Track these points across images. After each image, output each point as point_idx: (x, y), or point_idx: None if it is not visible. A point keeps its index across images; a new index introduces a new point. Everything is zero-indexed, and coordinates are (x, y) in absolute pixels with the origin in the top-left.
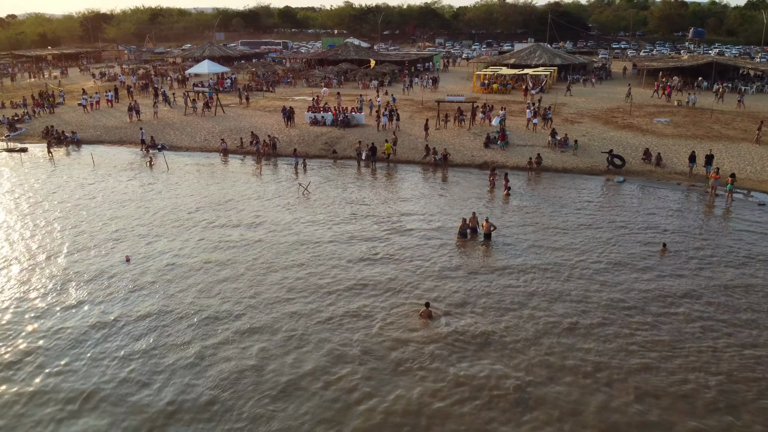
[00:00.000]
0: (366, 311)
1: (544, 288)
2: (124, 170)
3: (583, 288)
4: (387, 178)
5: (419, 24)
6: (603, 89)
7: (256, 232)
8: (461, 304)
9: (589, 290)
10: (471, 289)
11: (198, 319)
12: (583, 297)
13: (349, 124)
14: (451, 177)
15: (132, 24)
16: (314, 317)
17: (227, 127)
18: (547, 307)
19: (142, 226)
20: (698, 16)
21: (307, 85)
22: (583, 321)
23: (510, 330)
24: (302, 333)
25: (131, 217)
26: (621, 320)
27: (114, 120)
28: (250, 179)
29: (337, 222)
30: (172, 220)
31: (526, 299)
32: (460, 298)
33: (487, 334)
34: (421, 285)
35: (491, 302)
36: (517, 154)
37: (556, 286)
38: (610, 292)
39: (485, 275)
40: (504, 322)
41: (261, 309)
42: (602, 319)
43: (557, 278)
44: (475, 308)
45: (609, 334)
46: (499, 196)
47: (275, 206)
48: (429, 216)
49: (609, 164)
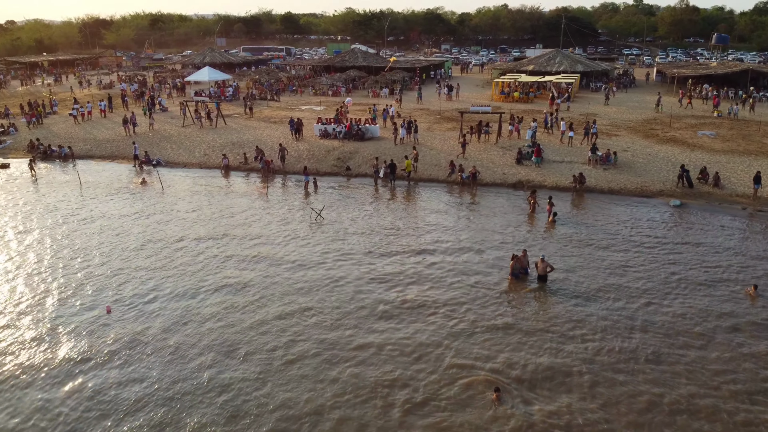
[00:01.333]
0: (408, 387)
1: (624, 350)
2: (113, 191)
3: (670, 351)
4: (409, 201)
5: (424, 30)
6: (631, 98)
7: (259, 271)
8: (534, 380)
9: (678, 355)
10: (538, 353)
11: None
12: (673, 366)
13: (363, 137)
14: (482, 198)
15: (132, 30)
16: (345, 401)
17: (229, 141)
18: (632, 382)
19: (125, 263)
20: (708, 22)
21: (313, 93)
22: (688, 405)
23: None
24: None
25: (114, 251)
26: (737, 405)
27: (106, 132)
28: (255, 202)
29: (356, 258)
30: (162, 257)
31: (606, 370)
32: (530, 369)
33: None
34: (470, 350)
35: (563, 375)
36: (554, 172)
37: (636, 347)
38: (706, 359)
39: (549, 335)
40: (586, 411)
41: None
42: (713, 404)
43: (634, 338)
44: (552, 385)
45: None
46: (542, 223)
47: (283, 237)
48: (464, 249)
49: (683, 183)
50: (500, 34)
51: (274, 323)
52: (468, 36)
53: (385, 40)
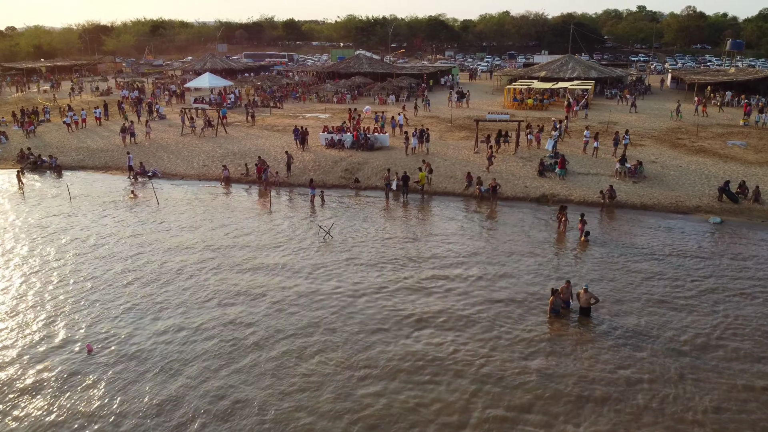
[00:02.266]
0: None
1: (680, 398)
2: (104, 206)
3: (731, 406)
4: (424, 217)
5: (428, 36)
6: (648, 105)
7: (260, 307)
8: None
9: (742, 410)
10: (597, 415)
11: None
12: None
13: (372, 146)
14: (504, 214)
15: (132, 36)
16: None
17: (230, 151)
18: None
19: (110, 294)
20: (714, 28)
21: (317, 100)
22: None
23: None
24: None
25: (100, 278)
26: None
27: (100, 141)
28: (258, 219)
29: (369, 287)
30: (153, 287)
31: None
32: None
33: None
34: (500, 412)
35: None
36: (580, 185)
37: (694, 396)
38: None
39: (606, 387)
40: None
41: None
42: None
43: (688, 385)
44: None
45: None
46: (572, 243)
47: (288, 262)
48: (492, 277)
49: (725, 198)
50: (504, 41)
51: (282, 381)
52: (472, 42)
53: (389, 47)
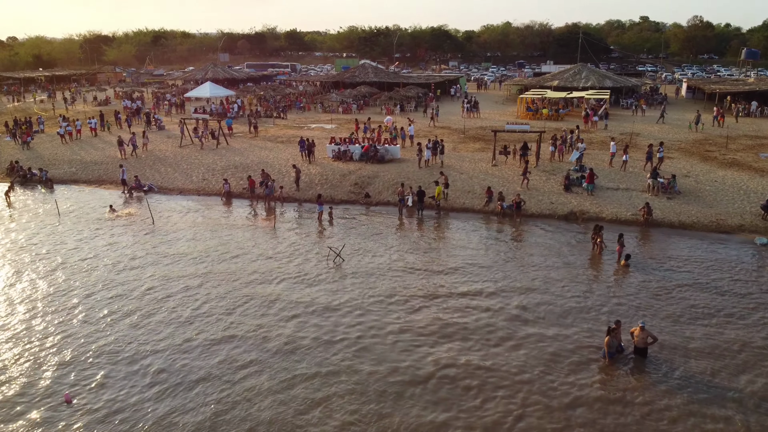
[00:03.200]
0: None
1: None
2: (94, 224)
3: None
4: (442, 236)
5: (431, 46)
6: (668, 116)
7: (265, 352)
8: None
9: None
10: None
11: None
12: None
13: (382, 159)
14: (530, 233)
15: (133, 46)
16: None
17: (231, 163)
18: None
19: (94, 333)
20: (719, 39)
21: (322, 110)
22: None
23: None
24: None
25: (83, 314)
26: None
27: (95, 153)
28: (261, 238)
29: (388, 324)
30: (144, 323)
31: None
32: None
33: None
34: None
35: None
36: (611, 202)
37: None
38: None
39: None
40: None
41: None
42: None
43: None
44: None
45: None
46: (609, 266)
47: (295, 291)
48: (529, 309)
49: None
50: (509, 51)
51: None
52: (475, 53)
53: (392, 57)
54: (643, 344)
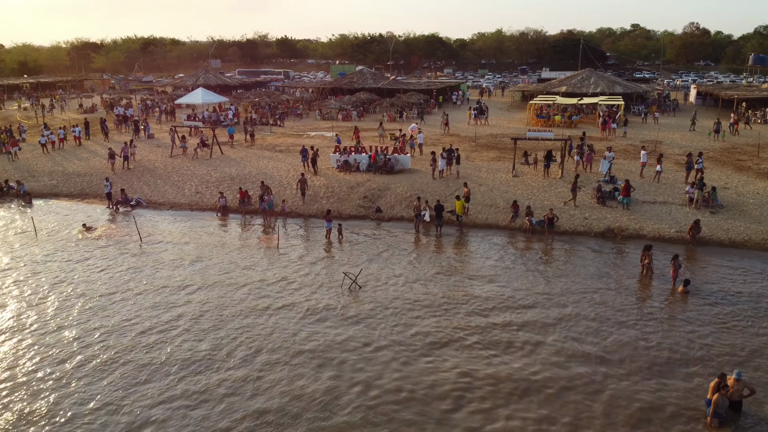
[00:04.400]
0: None
1: None
2: (75, 245)
3: None
4: (467, 257)
5: (425, 54)
6: (684, 123)
7: (279, 398)
8: None
9: None
10: None
11: None
12: None
13: (392, 169)
14: (564, 253)
15: (122, 53)
16: None
17: (227, 175)
18: None
19: (64, 383)
20: (714, 45)
21: (320, 117)
22: None
23: None
24: None
25: (55, 360)
26: None
27: (78, 164)
28: (263, 260)
29: (421, 379)
30: (128, 368)
31: None
32: None
33: None
34: None
35: None
36: (650, 217)
37: None
38: None
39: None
40: None
41: None
42: None
43: None
44: None
45: None
46: (662, 292)
47: (305, 328)
48: (582, 355)
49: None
50: (503, 58)
51: None
52: (470, 60)
53: (386, 64)
54: (738, 397)
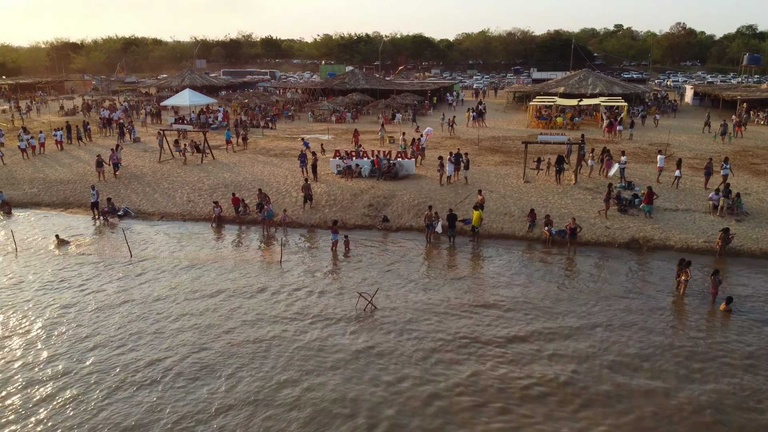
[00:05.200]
0: None
1: None
2: (58, 261)
3: None
4: (484, 270)
5: (412, 54)
6: (686, 124)
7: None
8: None
9: None
10: None
11: None
12: None
13: (396, 175)
14: (589, 266)
15: (103, 53)
16: None
17: (220, 181)
18: None
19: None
20: (701, 45)
21: (313, 119)
22: None
23: None
24: None
25: (31, 400)
26: None
27: (61, 170)
28: (266, 276)
29: (452, 408)
30: (120, 404)
31: None
32: None
33: None
34: None
35: None
36: (675, 226)
37: None
38: None
39: None
40: None
41: None
42: None
43: None
44: None
45: None
46: (698, 309)
47: (321, 351)
48: (635, 391)
49: None
50: (490, 58)
51: None
52: (457, 60)
53: (373, 65)
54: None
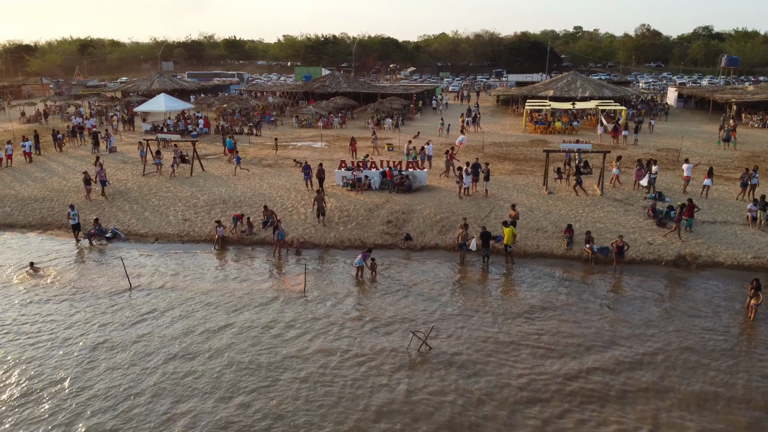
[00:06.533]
0: None
1: None
2: (43, 299)
3: None
4: (538, 297)
5: (381, 56)
6: (683, 128)
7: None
8: None
9: None
10: None
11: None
12: None
13: (410, 187)
14: (647, 290)
15: (59, 56)
16: None
17: (217, 197)
18: None
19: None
20: (664, 47)
21: (298, 125)
22: None
23: None
24: None
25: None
26: None
27: (34, 185)
28: (292, 313)
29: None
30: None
31: None
32: None
33: None
34: None
35: None
36: (719, 241)
37: None
38: None
39: None
40: None
41: None
42: None
43: None
44: None
45: None
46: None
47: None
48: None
49: None
50: (459, 60)
51: None
52: (425, 62)
53: (341, 66)
54: None
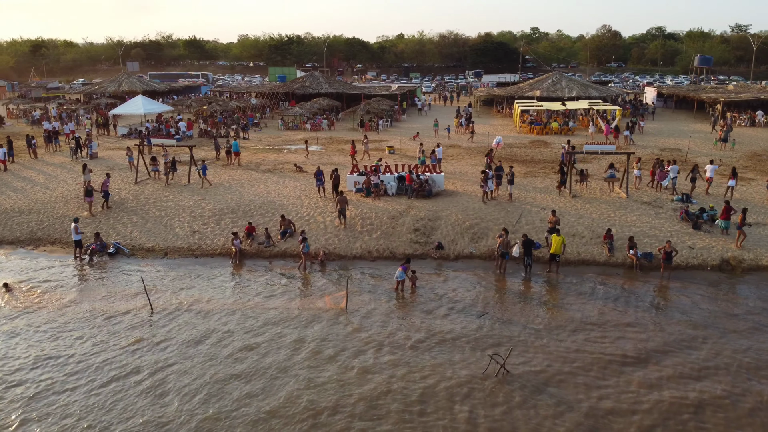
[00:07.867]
0: None
1: None
2: (45, 328)
3: None
4: (598, 308)
5: (346, 56)
6: (673, 128)
7: None
8: None
9: None
10: None
11: None
12: None
13: (430, 193)
14: (684, 297)
15: (10, 57)
16: None
17: (223, 205)
18: None
19: None
20: (624, 47)
21: (284, 127)
22: None
23: None
24: None
25: None
26: None
27: (15, 197)
28: (342, 335)
29: None
30: None
31: None
32: None
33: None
34: None
35: None
36: (758, 243)
37: None
38: None
39: None
40: None
41: None
42: None
43: None
44: None
45: None
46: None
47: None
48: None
49: None
50: (425, 61)
51: None
52: (391, 63)
53: (305, 66)
54: None
